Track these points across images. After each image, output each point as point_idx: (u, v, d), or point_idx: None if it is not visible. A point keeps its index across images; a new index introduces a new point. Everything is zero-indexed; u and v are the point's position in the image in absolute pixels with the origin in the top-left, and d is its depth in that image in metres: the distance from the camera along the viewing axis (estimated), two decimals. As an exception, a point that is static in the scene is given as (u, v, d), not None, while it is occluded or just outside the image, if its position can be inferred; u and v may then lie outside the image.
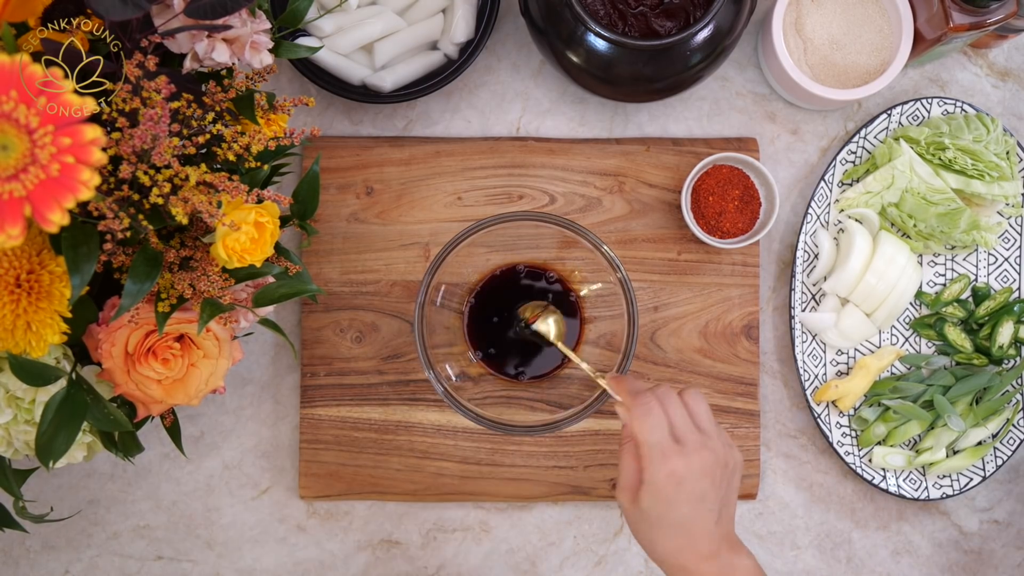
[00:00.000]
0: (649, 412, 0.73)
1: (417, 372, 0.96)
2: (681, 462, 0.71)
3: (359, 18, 0.93)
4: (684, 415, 0.73)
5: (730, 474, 0.73)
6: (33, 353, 0.67)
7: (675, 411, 0.73)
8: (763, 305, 0.99)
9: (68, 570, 0.98)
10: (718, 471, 0.72)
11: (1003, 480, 1.00)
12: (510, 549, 0.99)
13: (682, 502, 0.71)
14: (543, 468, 0.97)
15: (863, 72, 0.93)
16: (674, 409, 0.73)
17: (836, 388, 0.95)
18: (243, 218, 0.70)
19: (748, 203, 0.95)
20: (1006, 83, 1.00)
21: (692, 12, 0.88)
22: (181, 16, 0.70)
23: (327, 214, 0.97)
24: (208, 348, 0.77)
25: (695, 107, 1.00)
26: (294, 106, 0.78)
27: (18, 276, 0.66)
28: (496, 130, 1.00)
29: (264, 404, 0.98)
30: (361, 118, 0.99)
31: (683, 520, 0.71)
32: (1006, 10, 0.87)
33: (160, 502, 0.98)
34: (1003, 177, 0.94)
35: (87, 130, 0.54)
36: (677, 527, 0.71)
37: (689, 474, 0.71)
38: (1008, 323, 0.95)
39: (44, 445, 0.71)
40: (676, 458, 0.71)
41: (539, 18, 0.89)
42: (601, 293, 0.90)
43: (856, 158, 0.97)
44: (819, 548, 0.99)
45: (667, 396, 0.74)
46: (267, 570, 0.98)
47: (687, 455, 0.71)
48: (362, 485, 0.96)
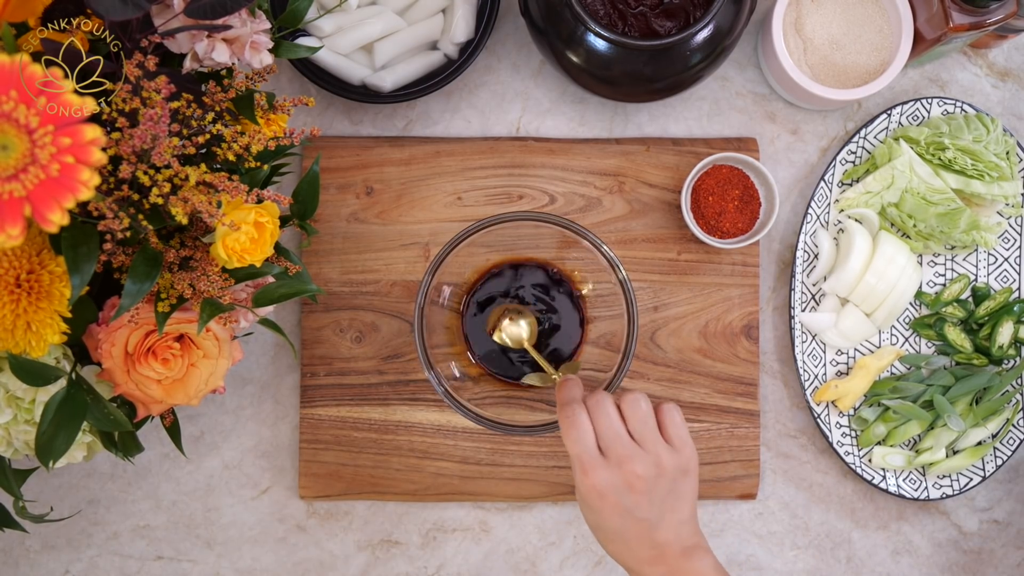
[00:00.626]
0: (572, 424, 0.71)
1: (417, 372, 0.96)
2: (603, 475, 0.70)
3: (359, 18, 0.93)
4: (612, 425, 0.71)
5: (671, 480, 0.71)
6: (33, 353, 0.67)
7: (604, 421, 0.71)
8: (763, 305, 0.99)
9: (68, 570, 0.98)
10: (651, 481, 0.70)
11: (1003, 480, 1.00)
12: (510, 549, 0.99)
13: (608, 515, 0.70)
14: (543, 468, 0.97)
15: (863, 72, 0.93)
16: (603, 419, 0.71)
17: (836, 388, 0.95)
18: (243, 218, 0.70)
19: (748, 203, 0.95)
20: (1006, 83, 1.00)
21: (692, 12, 0.88)
22: (181, 16, 0.70)
23: (327, 214, 0.97)
24: (208, 348, 0.77)
25: (695, 107, 1.00)
26: (294, 106, 0.78)
27: (18, 276, 0.66)
28: (496, 130, 1.00)
29: (264, 404, 0.98)
30: (361, 118, 0.99)
31: (615, 529, 0.71)
32: (1006, 10, 0.87)
33: (160, 502, 0.98)
34: (1003, 177, 0.94)
35: (87, 130, 0.54)
36: (612, 534, 0.71)
37: (611, 488, 0.70)
38: (1008, 323, 0.95)
39: (44, 445, 0.71)
40: (598, 471, 0.70)
41: (539, 18, 0.89)
42: (601, 293, 0.90)
43: (856, 158, 0.97)
44: (819, 548, 0.99)
45: (599, 405, 0.72)
46: (267, 570, 0.98)
47: (609, 468, 0.70)
48: (362, 485, 0.96)
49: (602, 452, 0.71)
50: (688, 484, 0.72)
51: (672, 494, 0.71)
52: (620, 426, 0.71)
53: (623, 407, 0.72)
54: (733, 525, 0.99)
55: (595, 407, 0.72)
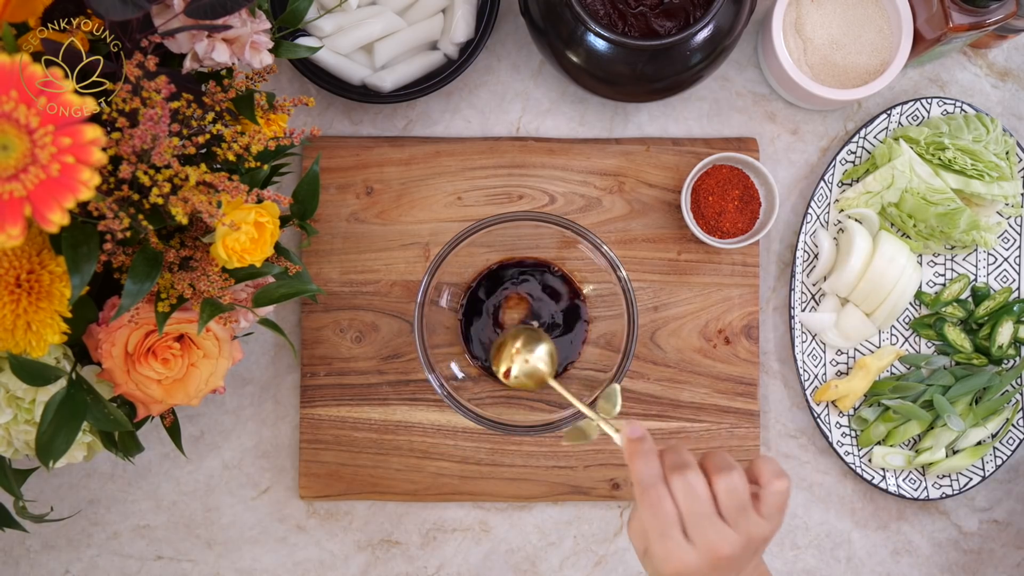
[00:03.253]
0: (659, 509, 0.63)
1: (417, 372, 0.96)
2: (689, 559, 0.63)
3: (359, 18, 0.93)
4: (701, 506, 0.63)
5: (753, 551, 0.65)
6: (33, 353, 0.67)
7: (691, 503, 0.63)
8: (763, 305, 0.99)
9: (68, 570, 0.98)
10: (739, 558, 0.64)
11: (1003, 480, 1.00)
12: (510, 549, 0.99)
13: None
14: (543, 468, 0.97)
15: (863, 72, 0.93)
16: (690, 500, 0.63)
17: (836, 388, 0.95)
18: (243, 218, 0.70)
19: (748, 203, 0.95)
20: (1006, 83, 1.00)
21: (692, 12, 0.88)
22: (181, 16, 0.70)
23: (327, 214, 0.97)
24: (208, 348, 0.77)
25: (695, 107, 1.00)
26: (294, 106, 0.78)
27: (18, 276, 0.66)
28: (496, 130, 1.00)
29: (264, 404, 0.98)
30: (361, 118, 0.99)
31: None
32: (1006, 10, 0.87)
33: (160, 502, 0.98)
34: (1003, 177, 0.94)
35: (87, 130, 0.54)
36: None
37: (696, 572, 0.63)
38: (1008, 323, 0.95)
39: (44, 445, 0.71)
40: (683, 556, 0.63)
41: (539, 18, 0.89)
42: (601, 293, 0.90)
43: (856, 158, 0.97)
44: (819, 548, 0.99)
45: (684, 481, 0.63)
46: (267, 570, 0.98)
47: (695, 551, 0.63)
48: (362, 485, 0.96)
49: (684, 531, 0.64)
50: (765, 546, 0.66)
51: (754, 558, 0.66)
52: (709, 505, 0.63)
53: (713, 479, 0.64)
54: (733, 525, 0.99)
55: (681, 484, 0.63)
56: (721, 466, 0.64)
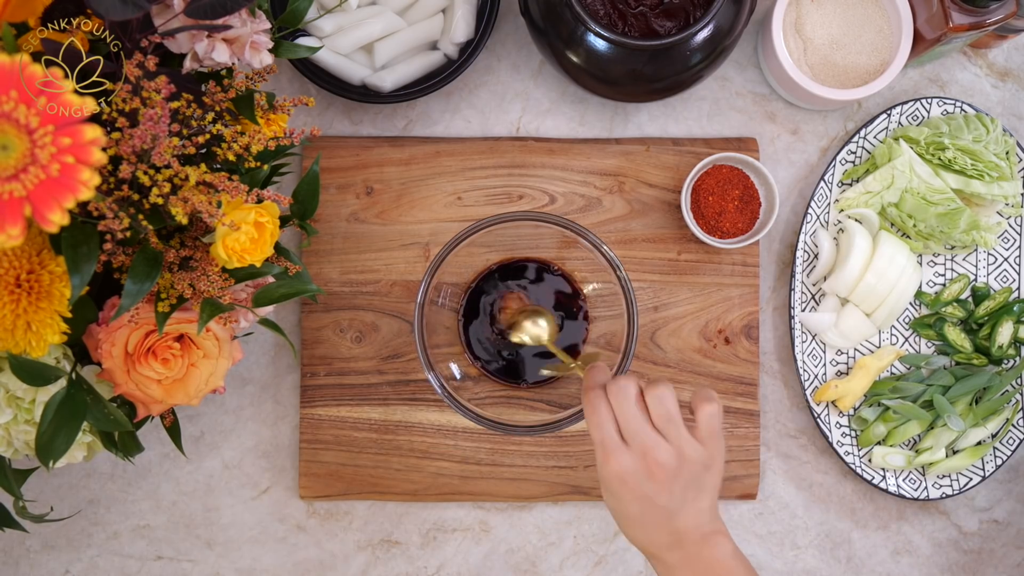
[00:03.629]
0: (594, 410, 0.72)
1: (417, 372, 0.96)
2: (625, 460, 0.70)
3: (359, 18, 0.93)
4: (636, 413, 0.70)
5: (693, 472, 0.71)
6: (33, 353, 0.67)
7: (626, 408, 0.71)
8: (763, 305, 0.99)
9: (68, 570, 0.98)
10: (672, 471, 0.70)
11: (1002, 480, 1.00)
12: (510, 549, 0.99)
13: (628, 500, 0.71)
14: (543, 468, 0.97)
15: (863, 72, 0.93)
16: (625, 406, 0.71)
17: (836, 388, 0.95)
18: (243, 218, 0.70)
19: (748, 203, 0.95)
20: (1006, 83, 1.00)
21: (692, 12, 0.88)
22: (181, 16, 0.70)
23: (327, 214, 0.97)
24: (208, 348, 0.77)
25: (695, 107, 1.00)
26: (294, 106, 0.78)
27: (18, 276, 0.66)
28: (496, 130, 1.00)
29: (264, 404, 0.98)
30: (361, 118, 0.99)
31: (635, 515, 0.71)
32: (1006, 10, 0.87)
33: (160, 502, 0.98)
34: (1003, 177, 0.94)
35: (87, 130, 0.54)
36: (631, 519, 0.72)
37: (632, 474, 0.70)
38: (1008, 323, 0.95)
39: (44, 445, 0.71)
40: (619, 456, 0.70)
41: (539, 18, 0.89)
42: (601, 293, 0.90)
43: (856, 158, 0.97)
44: (819, 548, 0.99)
45: (621, 392, 0.71)
46: (267, 570, 0.98)
47: (630, 454, 0.70)
48: (362, 485, 0.96)
49: (624, 439, 0.71)
50: (711, 477, 0.72)
51: (694, 484, 0.71)
52: (642, 416, 0.71)
53: (647, 399, 0.71)
54: (733, 525, 0.99)
55: (616, 394, 0.71)
56: (654, 392, 0.71)
